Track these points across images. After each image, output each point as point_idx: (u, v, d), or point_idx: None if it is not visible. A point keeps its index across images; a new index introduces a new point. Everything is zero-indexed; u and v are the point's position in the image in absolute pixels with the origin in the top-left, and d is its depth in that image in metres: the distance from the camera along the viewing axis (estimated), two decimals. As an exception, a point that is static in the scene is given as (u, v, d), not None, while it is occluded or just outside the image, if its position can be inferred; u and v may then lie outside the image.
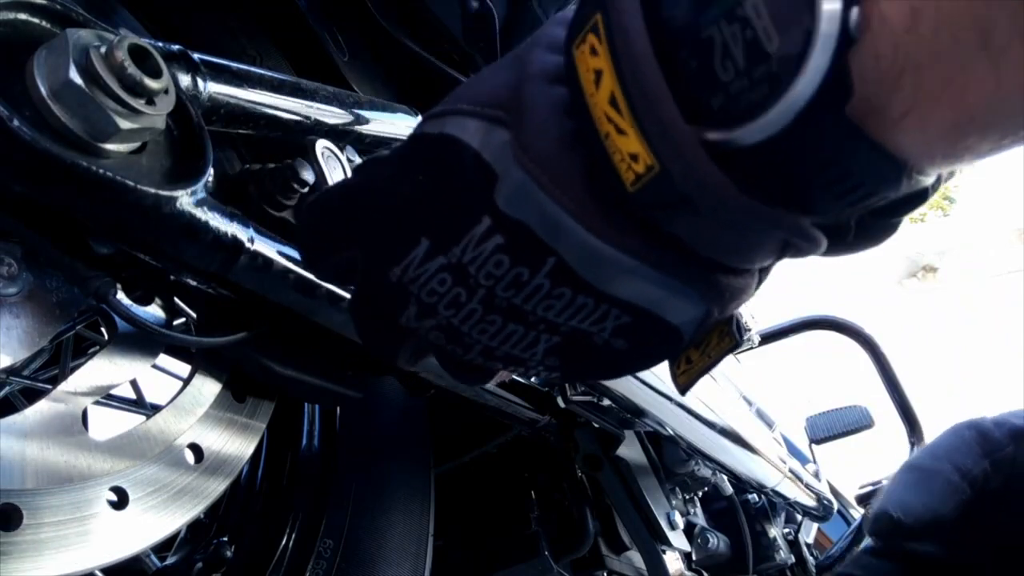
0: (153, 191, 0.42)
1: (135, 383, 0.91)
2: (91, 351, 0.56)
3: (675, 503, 1.27)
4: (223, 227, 0.47)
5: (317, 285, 0.54)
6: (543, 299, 0.32)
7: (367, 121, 0.65)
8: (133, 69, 0.39)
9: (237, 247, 0.48)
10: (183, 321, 0.62)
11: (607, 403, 0.94)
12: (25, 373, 0.76)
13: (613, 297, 0.31)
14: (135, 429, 0.53)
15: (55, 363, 0.85)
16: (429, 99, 0.81)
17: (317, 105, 0.59)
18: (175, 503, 0.53)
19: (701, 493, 1.47)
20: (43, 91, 0.37)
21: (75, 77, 0.37)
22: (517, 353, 0.36)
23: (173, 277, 0.50)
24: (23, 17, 0.40)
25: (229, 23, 0.67)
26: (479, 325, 0.35)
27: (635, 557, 1.11)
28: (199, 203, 0.45)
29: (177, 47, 0.47)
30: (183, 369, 0.70)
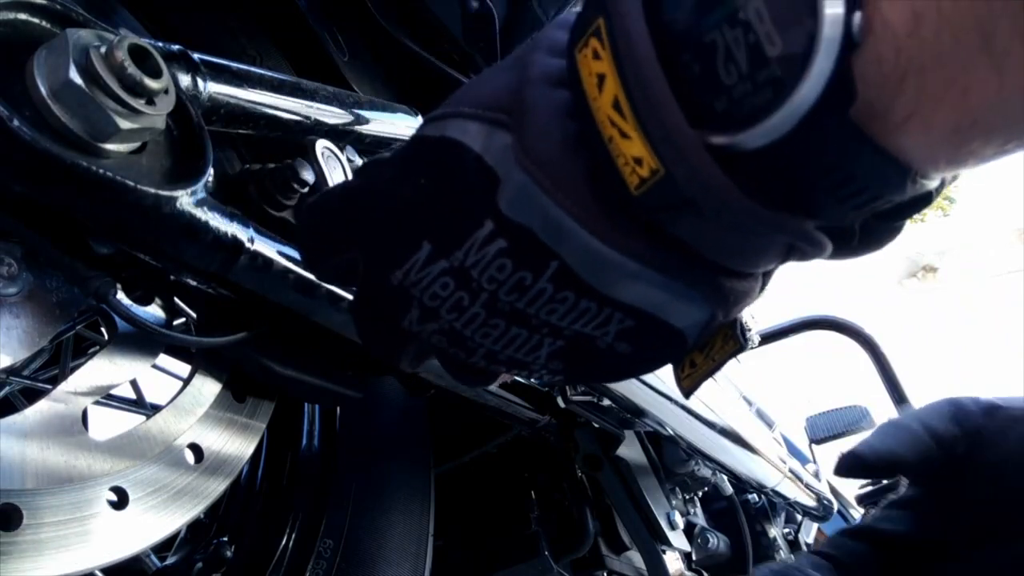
0: (153, 191, 0.42)
1: (135, 383, 0.91)
2: (91, 351, 0.56)
3: (675, 503, 1.27)
4: (223, 227, 0.47)
5: (317, 285, 0.54)
6: (546, 303, 0.32)
7: (367, 121, 0.65)
8: (133, 69, 0.39)
9: (237, 247, 0.48)
10: (183, 321, 0.62)
11: (607, 403, 0.94)
12: (25, 373, 0.76)
13: (617, 301, 0.31)
14: (135, 429, 0.53)
15: (55, 363, 0.85)
16: (429, 99, 0.81)
17: (317, 105, 0.59)
18: (175, 503, 0.53)
19: (701, 493, 1.47)
20: (43, 91, 0.37)
21: (75, 77, 0.37)
22: (520, 357, 0.36)
23: (173, 277, 0.50)
24: (23, 17, 0.40)
25: (229, 23, 0.67)
26: (482, 329, 0.35)
27: (635, 557, 1.11)
28: (199, 203, 0.45)
29: (177, 47, 0.47)
30: (183, 369, 0.70)
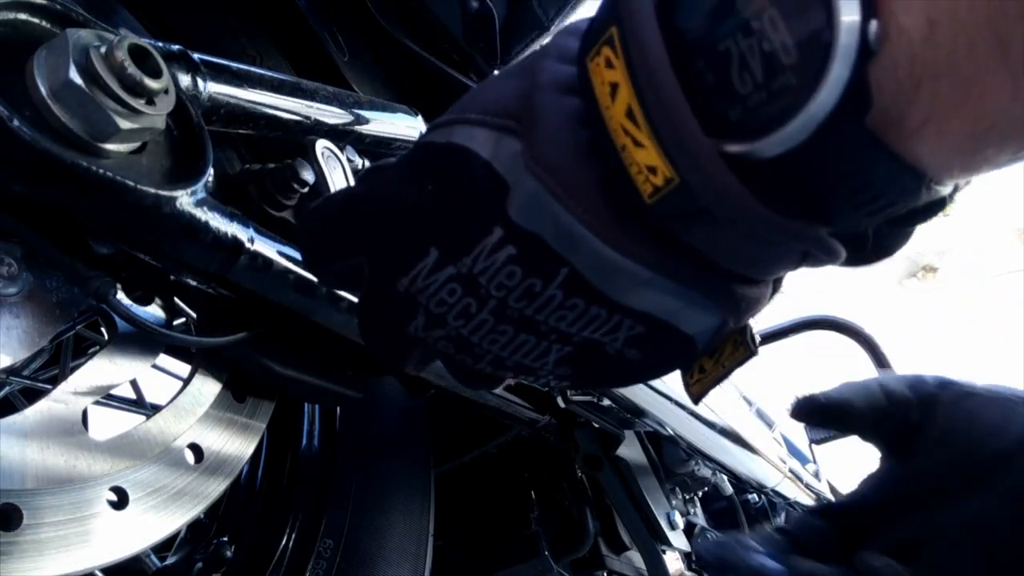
0: (153, 191, 0.42)
1: (135, 383, 0.91)
2: (91, 351, 0.56)
3: (675, 503, 1.27)
4: (223, 227, 0.47)
5: (317, 285, 0.54)
6: (556, 310, 0.32)
7: (367, 121, 0.65)
8: (133, 69, 0.39)
9: (237, 247, 0.48)
10: (183, 321, 0.62)
11: (607, 403, 0.94)
12: (25, 373, 0.76)
13: (627, 308, 0.31)
14: (135, 429, 0.53)
15: (55, 363, 0.85)
16: (429, 99, 0.82)
17: (317, 105, 0.59)
18: (175, 503, 0.53)
19: (701, 493, 1.47)
20: (43, 91, 0.37)
21: (75, 77, 0.37)
22: (528, 363, 0.36)
23: (173, 277, 0.50)
24: (23, 17, 0.40)
25: (229, 23, 0.67)
26: (490, 336, 0.34)
27: (635, 557, 1.11)
28: (199, 203, 0.45)
29: (177, 47, 0.47)
30: (183, 369, 0.70)
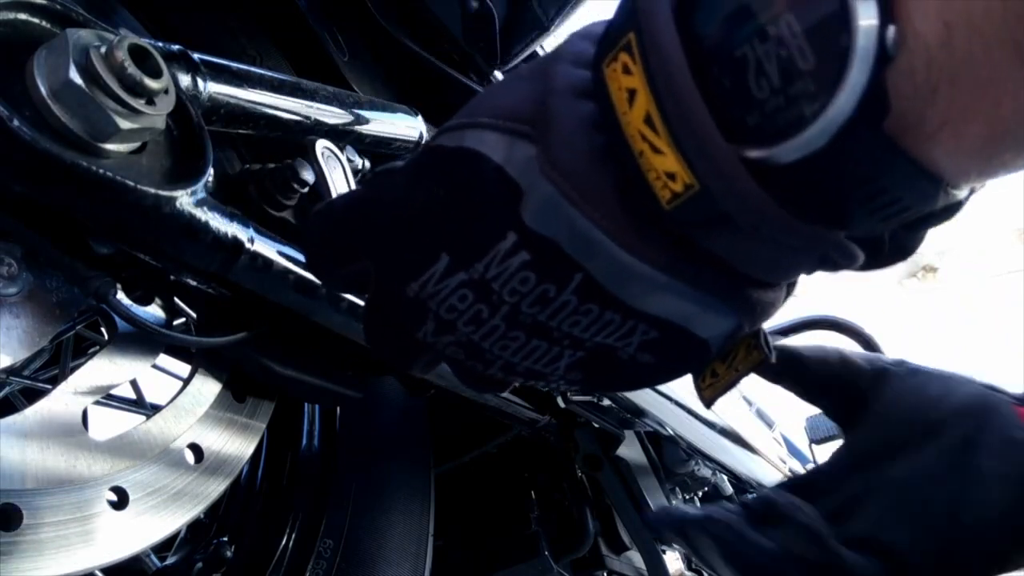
0: (153, 191, 0.42)
1: (135, 383, 0.91)
2: (91, 351, 0.56)
3: (675, 503, 1.27)
4: (223, 227, 0.47)
5: (317, 285, 0.54)
6: (569, 315, 0.32)
7: (367, 121, 0.65)
8: (133, 69, 0.39)
9: (237, 247, 0.48)
10: (183, 321, 0.62)
11: (607, 403, 0.94)
12: (25, 373, 0.76)
13: (642, 313, 0.31)
14: (135, 429, 0.53)
15: (55, 363, 0.85)
16: (429, 99, 0.82)
17: (317, 105, 0.59)
18: (175, 503, 0.53)
19: (701, 493, 1.47)
20: (43, 91, 0.37)
21: (75, 77, 0.37)
22: (539, 368, 0.36)
23: (173, 277, 0.50)
24: (23, 17, 0.40)
25: (229, 23, 0.67)
26: (501, 341, 0.34)
27: (635, 557, 1.11)
28: (199, 203, 0.45)
29: (177, 47, 0.47)
30: (183, 369, 0.70)
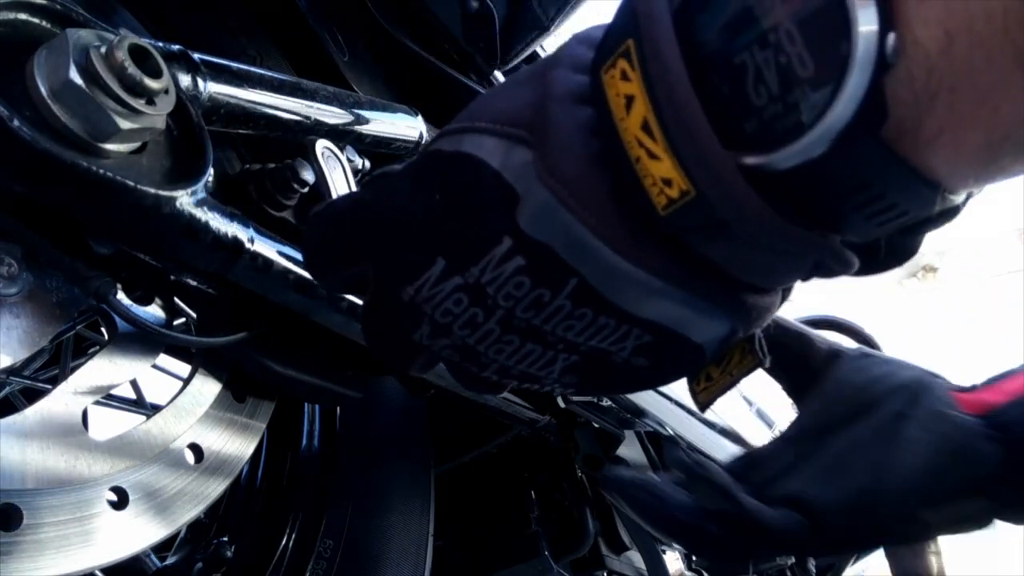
0: (153, 191, 0.42)
1: (135, 383, 0.91)
2: (91, 351, 0.56)
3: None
4: (223, 227, 0.47)
5: (317, 285, 0.54)
6: (564, 320, 0.32)
7: (367, 121, 0.65)
8: (133, 69, 0.39)
9: (237, 247, 0.48)
10: (183, 321, 0.62)
11: (607, 403, 0.94)
12: (25, 373, 0.76)
13: (637, 317, 0.31)
14: (135, 429, 0.53)
15: (55, 363, 0.85)
16: (429, 99, 0.81)
17: (317, 105, 0.59)
18: (175, 503, 0.53)
19: (701, 493, 1.47)
20: (43, 91, 0.37)
21: (75, 77, 0.37)
22: (534, 372, 0.36)
23: (173, 277, 0.50)
24: (23, 17, 0.40)
25: (229, 23, 0.67)
26: (496, 345, 0.34)
27: (635, 557, 1.11)
28: (199, 203, 0.45)
29: (177, 47, 0.47)
30: (183, 369, 0.70)
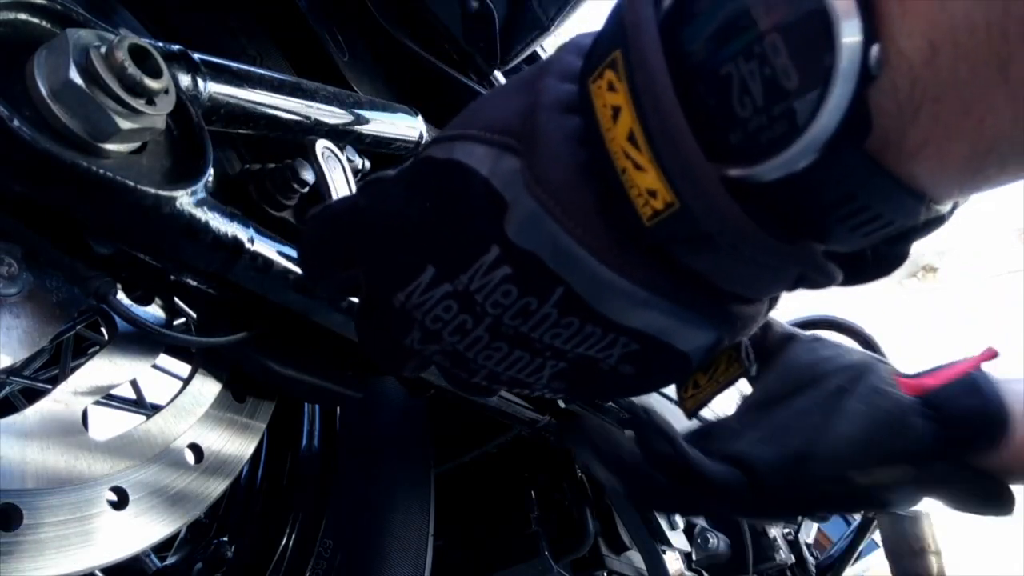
0: (153, 191, 0.42)
1: (135, 383, 0.91)
2: (91, 351, 0.56)
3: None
4: (223, 227, 0.47)
5: (317, 285, 0.54)
6: (551, 328, 0.32)
7: (367, 121, 0.65)
8: (133, 69, 0.39)
9: (237, 247, 0.48)
10: (183, 321, 0.62)
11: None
12: (25, 373, 0.76)
13: (623, 326, 0.31)
14: (135, 429, 0.53)
15: (55, 363, 0.85)
16: (429, 99, 0.81)
17: (317, 105, 0.59)
18: (175, 503, 0.53)
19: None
20: (43, 91, 0.37)
21: (75, 77, 0.37)
22: (523, 378, 0.36)
23: (173, 277, 0.50)
24: (23, 17, 0.40)
25: (229, 23, 0.67)
26: (485, 352, 0.35)
27: (635, 557, 1.11)
28: (199, 203, 0.45)
29: (177, 47, 0.47)
30: (183, 369, 0.70)
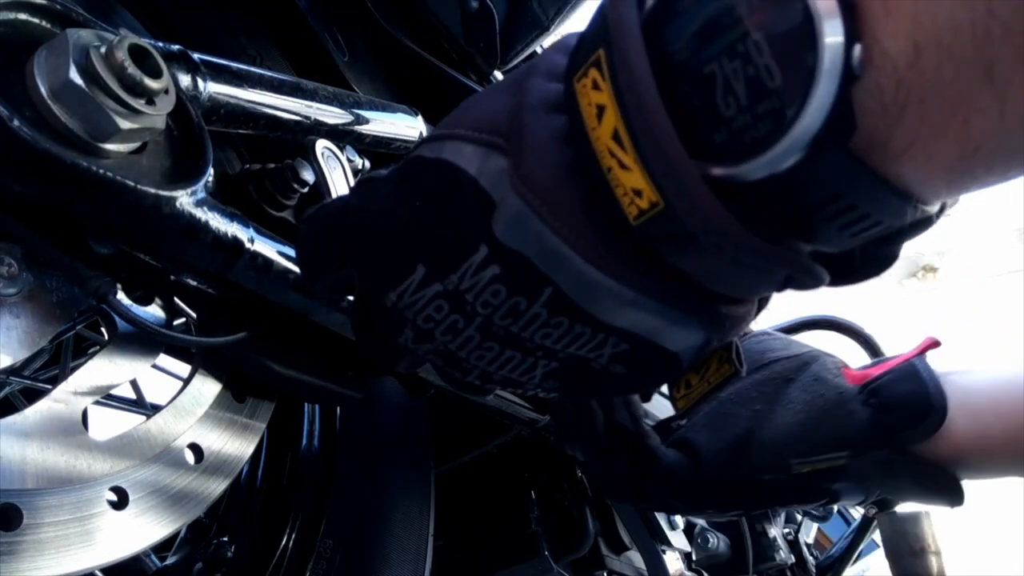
0: (153, 191, 0.42)
1: (135, 383, 0.91)
2: (91, 351, 0.56)
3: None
4: (223, 227, 0.47)
5: (317, 285, 0.54)
6: (540, 328, 0.32)
7: (367, 121, 0.65)
8: (133, 69, 0.39)
9: (237, 247, 0.48)
10: (183, 321, 0.62)
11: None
12: (25, 373, 0.76)
13: (611, 326, 0.31)
14: (135, 429, 0.53)
15: (55, 363, 0.85)
16: (429, 99, 0.81)
17: (317, 105, 0.59)
18: (175, 503, 0.53)
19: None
20: (43, 91, 0.37)
21: (75, 77, 0.37)
22: (515, 377, 0.36)
23: (173, 277, 0.50)
24: (23, 17, 0.40)
25: (229, 23, 0.67)
26: (477, 351, 0.35)
27: (635, 557, 1.11)
28: (199, 203, 0.45)
29: (177, 47, 0.47)
30: (183, 369, 0.70)
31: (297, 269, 0.52)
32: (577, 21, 0.83)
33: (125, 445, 0.51)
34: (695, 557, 1.32)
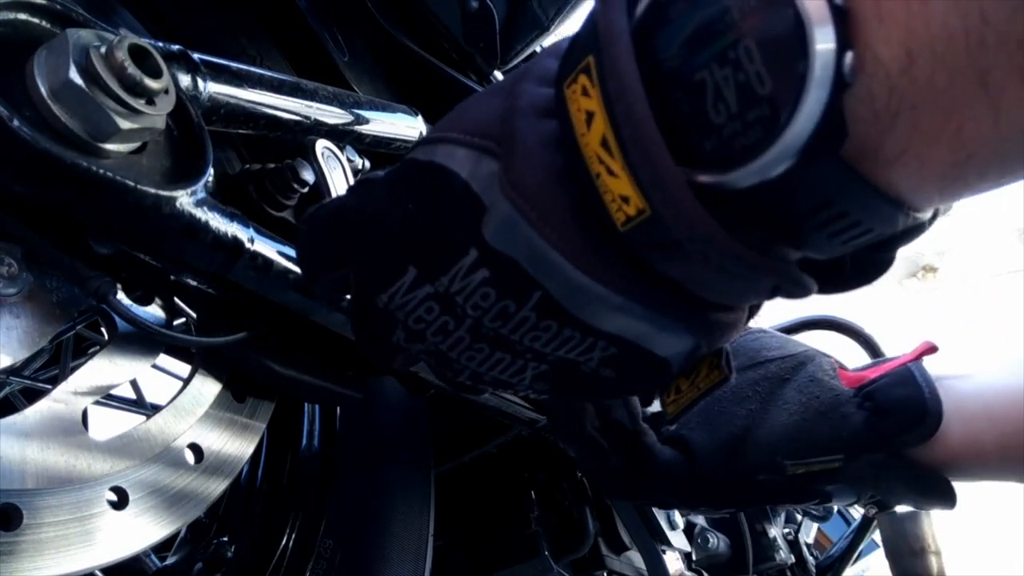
0: (153, 191, 0.42)
1: (135, 383, 0.91)
2: (91, 351, 0.56)
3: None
4: (223, 227, 0.47)
5: (317, 285, 0.54)
6: (529, 331, 0.32)
7: (367, 121, 0.65)
8: (133, 69, 0.39)
9: (237, 247, 0.48)
10: (183, 321, 0.62)
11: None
12: (25, 373, 0.76)
13: (600, 331, 0.31)
14: (135, 429, 0.53)
15: (55, 363, 0.85)
16: (429, 99, 0.81)
17: (317, 105, 0.59)
18: (175, 503, 0.53)
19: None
20: (43, 91, 0.37)
21: (75, 77, 0.37)
22: (505, 379, 0.36)
23: (173, 277, 0.50)
24: (23, 17, 0.40)
25: (229, 23, 0.67)
26: (467, 352, 0.35)
27: (635, 557, 1.11)
28: (199, 203, 0.45)
29: (177, 47, 0.47)
30: (183, 369, 0.70)
31: (297, 269, 0.52)
32: (577, 21, 0.83)
33: (125, 445, 0.51)
34: (695, 557, 1.32)
